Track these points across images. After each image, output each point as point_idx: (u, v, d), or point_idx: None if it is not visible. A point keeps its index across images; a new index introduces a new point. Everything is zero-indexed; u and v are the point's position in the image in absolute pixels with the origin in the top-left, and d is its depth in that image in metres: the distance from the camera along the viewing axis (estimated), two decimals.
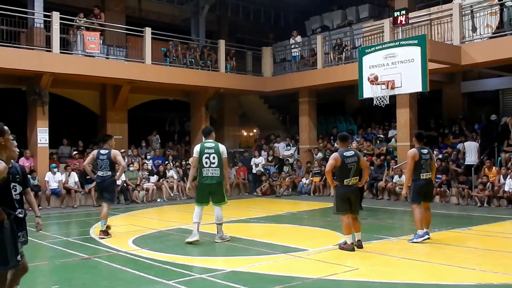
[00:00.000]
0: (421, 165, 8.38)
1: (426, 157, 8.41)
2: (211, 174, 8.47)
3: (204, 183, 8.56)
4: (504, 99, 17.70)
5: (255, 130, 24.80)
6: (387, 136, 17.79)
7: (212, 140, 8.68)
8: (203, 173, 8.54)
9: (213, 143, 8.62)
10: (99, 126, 18.24)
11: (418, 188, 8.39)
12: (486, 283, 5.82)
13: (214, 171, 8.47)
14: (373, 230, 9.61)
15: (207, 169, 8.46)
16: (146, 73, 16.61)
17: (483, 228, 10.19)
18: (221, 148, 8.59)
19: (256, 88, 19.92)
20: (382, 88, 13.21)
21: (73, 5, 17.77)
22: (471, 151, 14.98)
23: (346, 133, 8.65)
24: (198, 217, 8.51)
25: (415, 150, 8.47)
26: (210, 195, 8.63)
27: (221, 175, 8.51)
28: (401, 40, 13.45)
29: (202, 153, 8.51)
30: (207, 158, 8.46)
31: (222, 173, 8.53)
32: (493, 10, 13.97)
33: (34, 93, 14.91)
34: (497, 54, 13.40)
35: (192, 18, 20.54)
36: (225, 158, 8.59)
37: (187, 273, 6.50)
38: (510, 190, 13.14)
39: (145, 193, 16.12)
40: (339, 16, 20.81)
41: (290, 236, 9.58)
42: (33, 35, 14.96)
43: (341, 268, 6.58)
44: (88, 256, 7.60)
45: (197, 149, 8.63)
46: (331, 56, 18.37)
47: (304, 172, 18.36)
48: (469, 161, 14.93)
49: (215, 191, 8.58)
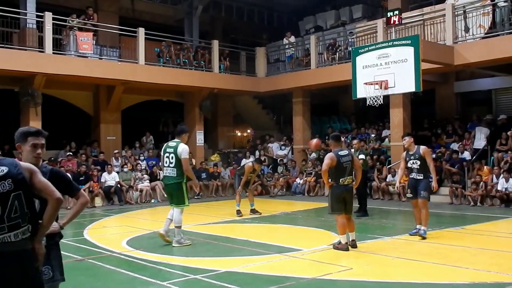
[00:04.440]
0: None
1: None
2: (167, 174, 8.41)
3: (164, 183, 8.74)
4: (497, 99, 17.80)
5: (249, 131, 24.81)
6: (381, 136, 17.85)
7: (177, 140, 8.46)
8: (163, 172, 8.62)
9: (174, 143, 8.42)
10: (93, 127, 18.18)
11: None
12: (479, 282, 5.85)
13: (171, 171, 8.33)
14: (367, 229, 9.63)
15: (166, 168, 8.43)
16: (139, 73, 16.57)
17: (476, 227, 10.23)
18: (179, 148, 8.26)
19: (250, 89, 19.92)
20: (375, 88, 13.26)
21: (65, 6, 17.71)
22: (481, 135, 15.14)
23: (339, 133, 8.68)
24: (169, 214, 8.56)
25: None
26: (171, 196, 8.52)
27: (178, 175, 8.28)
28: (394, 40, 13.51)
29: (164, 152, 8.52)
30: (167, 157, 8.41)
31: (179, 174, 8.28)
32: (485, 11, 14.03)
33: (27, 94, 14.82)
34: (489, 54, 13.46)
35: (186, 18, 20.50)
36: (184, 159, 8.24)
37: (182, 273, 6.50)
38: (503, 189, 13.21)
39: (139, 194, 16.08)
40: (333, 16, 20.86)
41: (285, 236, 9.59)
42: (25, 36, 14.87)
43: (335, 268, 6.59)
44: (82, 258, 7.57)
45: (162, 149, 8.70)
46: (324, 57, 18.40)
47: (298, 172, 18.38)
48: (477, 145, 15.10)
49: (171, 192, 8.47)
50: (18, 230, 3.04)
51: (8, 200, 3.03)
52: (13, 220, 3.03)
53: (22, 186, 3.08)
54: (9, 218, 3.02)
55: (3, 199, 3.02)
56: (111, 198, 15.68)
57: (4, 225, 3.00)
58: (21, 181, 3.08)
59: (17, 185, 3.06)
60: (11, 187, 3.04)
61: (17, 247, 3.03)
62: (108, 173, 15.73)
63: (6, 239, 3.00)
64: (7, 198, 3.03)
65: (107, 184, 15.61)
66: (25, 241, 3.07)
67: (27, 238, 3.09)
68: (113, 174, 15.81)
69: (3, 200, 3.02)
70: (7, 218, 3.01)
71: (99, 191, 15.34)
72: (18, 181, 3.07)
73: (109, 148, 17.44)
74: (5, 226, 3.00)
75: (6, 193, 3.02)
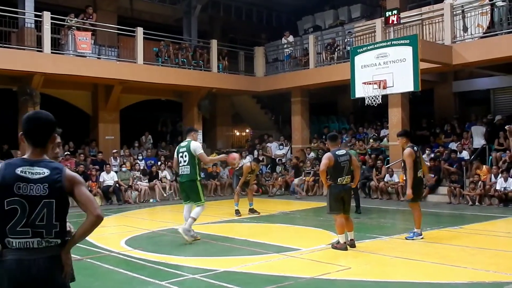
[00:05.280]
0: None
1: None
2: (182, 172, 8.71)
3: (179, 181, 9.05)
4: (495, 99, 17.83)
5: (248, 130, 24.80)
6: (379, 135, 17.86)
7: (188, 140, 8.80)
8: (179, 171, 8.87)
9: (186, 142, 8.77)
10: (91, 127, 18.16)
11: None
12: (478, 281, 5.85)
13: (185, 169, 8.62)
14: (366, 229, 9.63)
15: (181, 167, 8.71)
16: (138, 73, 16.56)
17: (475, 226, 10.24)
18: (192, 146, 8.60)
19: (249, 88, 19.92)
20: (374, 87, 13.26)
21: (64, 5, 17.68)
22: (477, 135, 15.19)
23: (336, 133, 8.68)
24: (185, 217, 8.74)
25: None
26: (187, 194, 8.77)
27: (192, 173, 8.55)
28: (392, 40, 13.52)
29: (177, 153, 8.84)
30: (181, 157, 8.71)
31: (193, 172, 8.56)
32: (484, 10, 14.05)
33: (25, 93, 14.81)
34: (488, 53, 13.48)
35: (184, 18, 20.50)
36: (200, 154, 8.54)
37: (180, 273, 6.49)
38: (502, 188, 13.22)
39: (137, 193, 16.07)
40: (331, 16, 20.87)
41: (283, 235, 9.59)
42: (24, 35, 14.85)
43: (334, 267, 6.59)
44: (80, 257, 7.56)
45: (176, 150, 9.01)
46: (323, 56, 18.40)
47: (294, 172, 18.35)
48: (476, 144, 15.16)
49: (187, 189, 8.71)
50: (42, 239, 2.79)
51: (37, 205, 2.77)
52: (37, 228, 2.78)
53: (57, 195, 2.81)
54: (33, 225, 2.77)
55: (33, 203, 2.76)
56: (110, 197, 15.67)
57: (28, 229, 2.77)
58: (58, 189, 2.81)
59: (52, 192, 2.80)
60: (45, 192, 2.78)
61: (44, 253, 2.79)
62: (107, 173, 15.72)
63: (29, 244, 2.77)
64: (38, 203, 2.77)
65: (106, 183, 15.60)
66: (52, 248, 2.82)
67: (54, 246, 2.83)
68: (112, 173, 15.81)
69: (33, 204, 2.76)
70: (31, 224, 2.77)
71: (97, 191, 15.31)
72: (55, 189, 2.80)
73: (108, 147, 17.43)
74: (29, 230, 2.77)
75: (38, 198, 2.77)
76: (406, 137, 8.72)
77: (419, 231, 8.49)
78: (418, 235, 8.45)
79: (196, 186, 8.58)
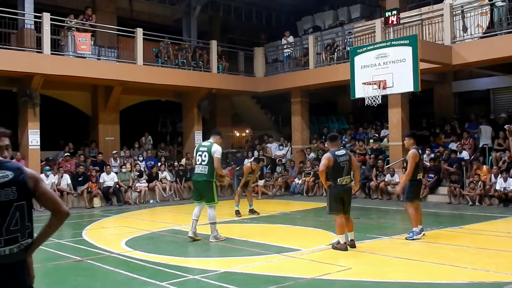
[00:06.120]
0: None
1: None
2: (199, 171, 8.74)
3: (193, 180, 9.05)
4: (495, 99, 17.83)
5: (248, 131, 24.80)
6: (379, 135, 17.86)
7: (211, 141, 8.88)
8: (195, 170, 8.94)
9: (208, 143, 8.85)
10: (91, 128, 18.16)
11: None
12: (478, 282, 5.85)
13: (203, 169, 8.67)
14: (366, 229, 9.63)
15: (197, 166, 8.78)
16: (137, 74, 16.55)
17: (475, 226, 10.24)
18: (213, 148, 8.69)
19: (248, 89, 19.92)
20: (373, 88, 13.26)
21: (63, 6, 17.67)
22: (486, 133, 15.22)
23: (335, 133, 8.69)
24: (194, 215, 8.78)
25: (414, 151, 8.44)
26: (200, 193, 8.78)
27: (208, 173, 8.60)
28: (392, 40, 13.51)
29: (197, 151, 8.91)
30: (199, 156, 8.78)
31: (210, 172, 8.61)
32: (483, 10, 14.05)
33: (25, 94, 14.79)
34: (487, 53, 13.48)
35: (184, 18, 20.49)
36: (216, 158, 8.62)
37: (180, 274, 6.49)
38: (501, 188, 13.22)
39: (137, 194, 16.06)
40: (331, 16, 20.85)
41: (283, 236, 9.59)
42: (23, 36, 14.85)
43: (334, 267, 6.59)
44: (80, 258, 7.56)
45: (195, 148, 9.12)
46: (323, 56, 18.40)
47: (296, 173, 18.37)
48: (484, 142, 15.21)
49: (202, 189, 8.73)
50: (14, 245, 2.68)
51: (9, 210, 2.65)
52: (12, 234, 2.67)
53: (26, 196, 2.73)
54: (8, 230, 2.66)
55: (4, 209, 2.65)
56: (110, 198, 15.67)
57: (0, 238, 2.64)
58: (26, 191, 2.72)
59: (21, 195, 2.70)
60: (15, 196, 2.67)
61: (12, 259, 2.69)
62: (107, 174, 15.72)
63: (1, 252, 2.65)
64: (9, 208, 2.65)
65: (106, 184, 15.61)
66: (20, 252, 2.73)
67: (22, 250, 2.74)
68: (112, 174, 15.81)
69: (4, 209, 2.65)
70: (5, 231, 2.65)
71: (97, 192, 15.32)
72: (23, 190, 2.71)
73: (108, 148, 17.43)
74: (1, 240, 2.64)
75: (8, 202, 2.65)
76: (413, 138, 8.93)
77: (418, 229, 8.49)
78: (418, 234, 8.45)
79: (211, 186, 8.67)
